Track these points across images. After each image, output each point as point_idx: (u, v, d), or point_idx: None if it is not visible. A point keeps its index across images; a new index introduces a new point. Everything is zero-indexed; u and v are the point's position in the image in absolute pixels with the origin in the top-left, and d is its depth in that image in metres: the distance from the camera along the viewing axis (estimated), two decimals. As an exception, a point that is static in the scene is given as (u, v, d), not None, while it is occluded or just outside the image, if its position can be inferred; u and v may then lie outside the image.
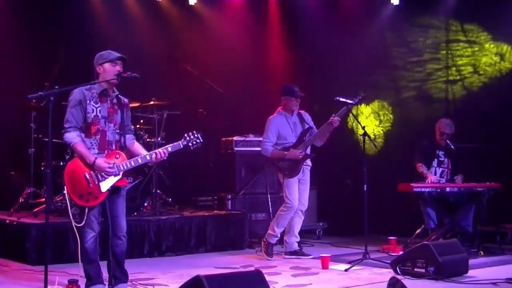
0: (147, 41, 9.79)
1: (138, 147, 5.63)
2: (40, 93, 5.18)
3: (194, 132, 5.54)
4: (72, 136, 5.30)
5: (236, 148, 8.98)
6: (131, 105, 5.89)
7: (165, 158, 5.45)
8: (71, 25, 9.07)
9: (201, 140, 5.52)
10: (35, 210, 7.56)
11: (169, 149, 5.45)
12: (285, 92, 7.62)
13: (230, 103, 9.82)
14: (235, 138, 9.02)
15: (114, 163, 5.31)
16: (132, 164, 5.39)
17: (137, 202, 8.07)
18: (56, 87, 5.15)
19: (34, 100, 7.64)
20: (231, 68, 10.15)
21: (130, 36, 9.54)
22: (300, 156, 7.39)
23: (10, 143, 8.80)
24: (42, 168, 7.82)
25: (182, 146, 5.49)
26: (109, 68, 5.39)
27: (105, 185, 5.29)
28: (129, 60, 5.51)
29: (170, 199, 8.66)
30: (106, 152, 5.38)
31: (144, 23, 9.96)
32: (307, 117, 7.73)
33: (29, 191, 7.92)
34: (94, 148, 5.36)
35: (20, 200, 7.88)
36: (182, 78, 9.60)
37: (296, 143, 7.50)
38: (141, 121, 8.55)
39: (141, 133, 8.22)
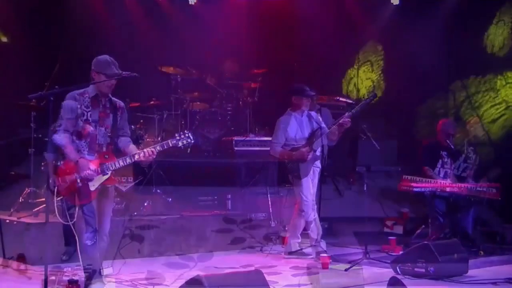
0: (147, 41, 9.78)
1: (133, 149, 5.65)
2: (40, 93, 5.20)
3: (186, 131, 5.61)
4: (60, 138, 5.37)
5: (236, 148, 8.97)
6: (131, 105, 5.91)
7: (154, 156, 5.50)
8: (71, 26, 9.07)
9: (192, 139, 5.56)
10: (35, 210, 7.56)
11: (158, 148, 5.50)
12: (296, 91, 7.51)
13: (230, 102, 9.82)
14: (235, 138, 9.00)
15: (96, 169, 5.37)
16: (120, 163, 5.46)
17: (137, 202, 8.07)
18: (56, 87, 5.16)
19: (34, 100, 7.65)
20: (231, 68, 10.15)
21: (130, 36, 9.54)
22: (309, 157, 7.33)
23: (10, 143, 8.80)
24: (42, 168, 7.82)
25: (171, 145, 5.52)
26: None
27: (94, 184, 5.40)
28: (129, 59, 5.52)
29: (170, 199, 8.66)
30: (96, 154, 5.45)
31: (144, 23, 9.96)
32: (316, 117, 7.63)
33: (29, 191, 7.92)
34: (84, 150, 5.44)
35: (20, 200, 7.88)
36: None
37: (306, 144, 7.40)
38: (141, 121, 8.54)
39: (141, 133, 8.21)
